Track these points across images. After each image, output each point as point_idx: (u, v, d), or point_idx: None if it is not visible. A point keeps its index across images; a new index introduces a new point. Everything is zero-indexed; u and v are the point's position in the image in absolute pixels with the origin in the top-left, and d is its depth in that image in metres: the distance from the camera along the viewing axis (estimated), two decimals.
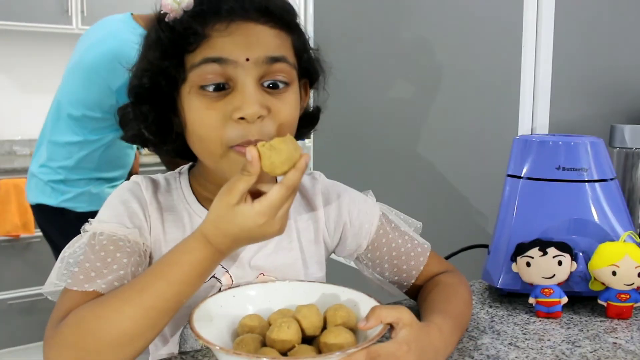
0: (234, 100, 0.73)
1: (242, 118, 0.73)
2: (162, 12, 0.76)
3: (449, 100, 1.46)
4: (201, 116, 0.75)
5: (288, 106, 0.77)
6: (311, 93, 0.91)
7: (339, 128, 1.74)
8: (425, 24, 1.52)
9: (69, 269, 0.77)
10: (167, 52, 0.76)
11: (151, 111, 0.80)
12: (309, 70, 0.86)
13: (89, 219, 0.83)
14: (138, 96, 0.80)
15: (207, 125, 0.75)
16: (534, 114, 1.26)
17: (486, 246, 1.10)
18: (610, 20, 1.34)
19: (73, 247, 0.80)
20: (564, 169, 1.01)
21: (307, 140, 3.25)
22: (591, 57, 1.33)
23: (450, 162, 1.48)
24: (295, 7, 0.84)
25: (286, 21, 0.79)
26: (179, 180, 0.89)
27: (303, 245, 0.91)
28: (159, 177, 0.90)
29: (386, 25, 1.64)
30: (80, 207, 1.92)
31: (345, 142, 1.76)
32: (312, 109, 0.92)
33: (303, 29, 0.84)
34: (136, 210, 0.82)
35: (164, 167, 1.75)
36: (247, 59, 0.73)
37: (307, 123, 0.90)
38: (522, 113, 1.26)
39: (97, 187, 1.94)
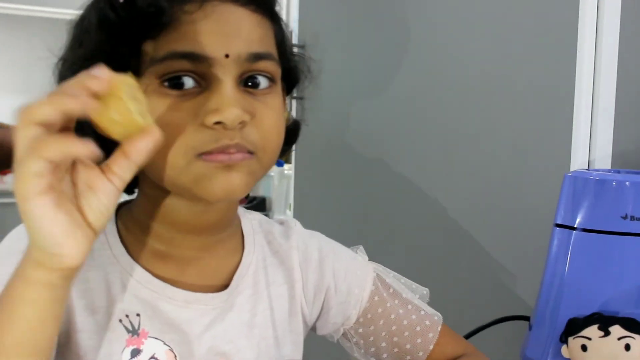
0: (208, 102, 0.64)
1: (218, 123, 0.63)
2: None
3: (473, 120, 1.30)
4: (162, 119, 0.64)
5: (273, 112, 0.69)
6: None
7: (321, 159, 1.56)
8: (438, 21, 1.37)
9: None
10: (116, 37, 0.64)
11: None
12: (288, 71, 0.77)
13: None
14: None
15: (170, 129, 0.64)
16: (591, 141, 1.10)
17: (526, 318, 0.96)
18: None
19: None
20: (633, 218, 0.87)
21: (286, 167, 3.05)
22: None
23: (475, 205, 1.30)
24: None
25: (269, 5, 0.71)
26: None
27: (276, 318, 0.80)
28: None
29: (387, 27, 1.50)
30: None
31: (329, 177, 1.60)
32: (290, 122, 0.83)
33: (282, 19, 0.76)
34: None
35: None
36: (227, 56, 0.65)
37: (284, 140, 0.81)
38: (575, 140, 1.10)
39: None
